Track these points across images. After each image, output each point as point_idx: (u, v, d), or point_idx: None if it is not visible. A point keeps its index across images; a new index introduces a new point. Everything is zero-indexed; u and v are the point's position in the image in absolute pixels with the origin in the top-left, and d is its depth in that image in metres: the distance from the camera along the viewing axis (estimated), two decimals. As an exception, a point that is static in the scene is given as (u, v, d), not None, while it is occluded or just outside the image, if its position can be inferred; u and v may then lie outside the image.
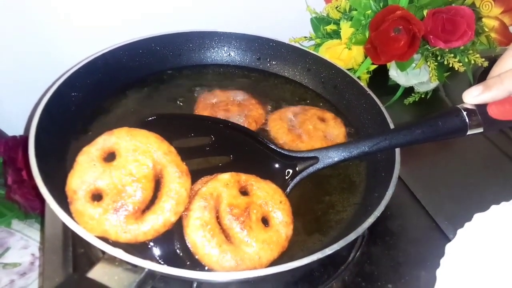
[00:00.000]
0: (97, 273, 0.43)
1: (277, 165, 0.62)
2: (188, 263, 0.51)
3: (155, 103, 0.75)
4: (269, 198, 0.56)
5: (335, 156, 0.61)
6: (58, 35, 0.83)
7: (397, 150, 0.63)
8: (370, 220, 0.53)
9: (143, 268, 0.45)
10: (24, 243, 0.82)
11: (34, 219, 0.85)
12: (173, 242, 0.53)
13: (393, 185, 0.58)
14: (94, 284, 0.41)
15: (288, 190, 0.60)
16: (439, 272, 0.53)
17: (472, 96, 0.53)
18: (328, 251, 0.49)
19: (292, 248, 0.56)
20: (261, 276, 0.48)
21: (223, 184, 0.55)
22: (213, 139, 0.64)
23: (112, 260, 0.45)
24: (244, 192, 0.57)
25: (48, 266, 0.57)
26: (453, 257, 0.53)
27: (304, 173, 0.61)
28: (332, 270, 0.60)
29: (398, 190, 0.72)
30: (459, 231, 0.55)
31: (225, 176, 0.56)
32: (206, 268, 0.51)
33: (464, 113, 0.55)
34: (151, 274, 0.46)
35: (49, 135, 0.59)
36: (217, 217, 0.54)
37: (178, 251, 0.52)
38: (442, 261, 0.54)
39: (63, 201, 0.50)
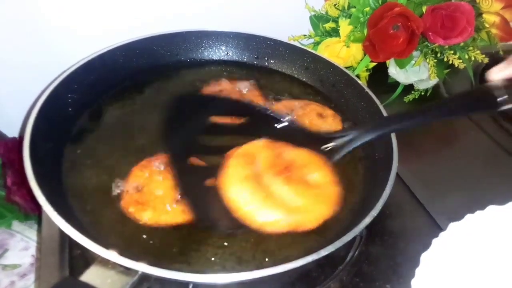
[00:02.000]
0: (90, 276, 0.43)
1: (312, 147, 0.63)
2: (226, 223, 0.52)
3: (153, 103, 0.75)
4: (309, 161, 0.55)
5: (370, 134, 0.62)
6: (57, 36, 0.83)
7: (395, 150, 0.62)
8: (367, 220, 0.52)
9: (136, 271, 0.45)
10: (25, 244, 0.82)
11: (34, 220, 0.85)
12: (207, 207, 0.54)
13: (390, 184, 0.57)
14: (87, 287, 0.41)
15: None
16: (413, 283, 0.52)
17: (496, 72, 0.54)
18: (323, 252, 0.49)
19: (288, 248, 0.55)
20: (257, 277, 0.48)
21: (259, 147, 0.55)
22: (247, 121, 0.66)
23: (106, 262, 0.45)
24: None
25: (45, 268, 0.57)
26: (428, 267, 0.52)
27: (342, 152, 0.62)
28: (329, 270, 0.60)
29: (398, 189, 0.72)
30: (434, 241, 0.54)
31: (260, 142, 0.56)
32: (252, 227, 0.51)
33: (493, 87, 0.55)
34: (145, 277, 0.46)
35: (45, 137, 0.59)
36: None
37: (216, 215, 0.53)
38: (417, 271, 0.52)
39: (58, 204, 0.50)
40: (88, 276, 0.43)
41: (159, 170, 0.60)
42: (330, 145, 0.63)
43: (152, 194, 0.57)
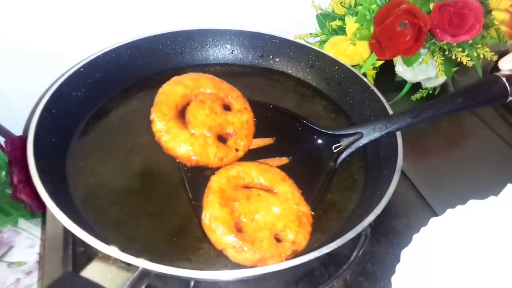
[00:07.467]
0: (90, 271, 0.43)
1: (321, 143, 0.66)
2: None
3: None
4: None
5: (379, 130, 0.63)
6: (63, 34, 0.84)
7: (400, 148, 0.61)
8: (369, 218, 0.52)
9: (137, 267, 0.44)
10: (30, 242, 0.83)
11: (39, 218, 0.86)
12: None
13: (394, 183, 0.56)
14: (87, 282, 0.41)
15: (337, 165, 0.64)
16: (394, 279, 0.51)
17: (507, 61, 0.53)
18: (325, 249, 0.48)
19: (291, 247, 0.55)
20: (259, 274, 0.47)
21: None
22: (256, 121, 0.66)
23: (107, 258, 0.45)
24: None
25: (48, 265, 0.57)
26: (409, 263, 0.51)
27: (350, 150, 0.64)
28: (333, 269, 0.59)
29: (404, 188, 0.71)
30: (415, 236, 0.53)
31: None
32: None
33: (503, 79, 0.54)
34: (146, 273, 0.45)
35: (49, 135, 0.60)
36: None
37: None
38: (397, 267, 0.51)
39: (60, 199, 0.50)
40: (88, 271, 0.43)
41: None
42: (340, 144, 0.64)
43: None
